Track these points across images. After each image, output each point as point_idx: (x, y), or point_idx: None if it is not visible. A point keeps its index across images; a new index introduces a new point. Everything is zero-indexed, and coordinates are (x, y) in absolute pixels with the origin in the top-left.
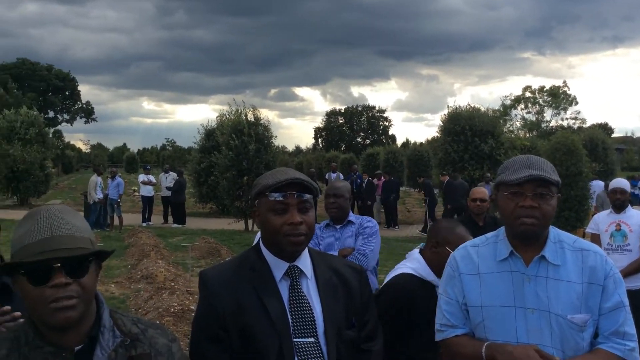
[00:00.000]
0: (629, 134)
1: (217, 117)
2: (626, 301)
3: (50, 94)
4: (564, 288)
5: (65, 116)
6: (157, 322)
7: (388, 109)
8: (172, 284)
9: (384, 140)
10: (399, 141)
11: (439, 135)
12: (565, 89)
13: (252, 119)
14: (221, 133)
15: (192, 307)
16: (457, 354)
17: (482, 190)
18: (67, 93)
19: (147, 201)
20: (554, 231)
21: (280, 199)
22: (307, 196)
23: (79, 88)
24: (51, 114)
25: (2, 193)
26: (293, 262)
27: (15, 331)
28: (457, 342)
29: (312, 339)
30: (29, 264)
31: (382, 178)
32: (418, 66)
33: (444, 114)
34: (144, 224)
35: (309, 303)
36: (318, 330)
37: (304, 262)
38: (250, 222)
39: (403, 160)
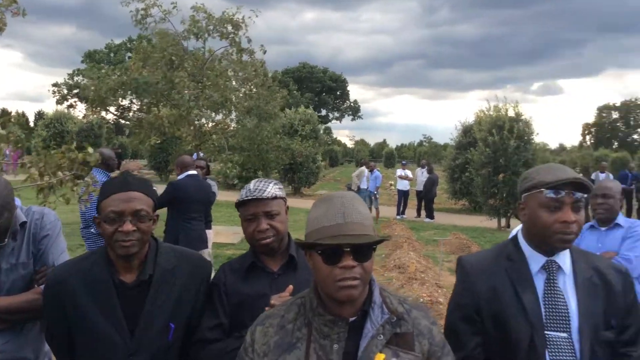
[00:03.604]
0: None
1: (475, 112)
2: None
3: (324, 94)
4: None
5: (335, 114)
6: (420, 303)
7: None
8: (423, 275)
9: None
10: None
11: None
12: None
13: (513, 115)
14: (479, 129)
15: (441, 300)
16: None
17: None
18: (338, 93)
19: (403, 195)
20: None
21: (556, 196)
22: (581, 195)
23: (348, 88)
24: (323, 112)
25: (280, 182)
26: (551, 257)
27: (302, 297)
28: None
29: (564, 334)
30: (324, 245)
31: None
32: None
33: None
34: (398, 217)
35: (564, 298)
36: (572, 326)
37: (563, 258)
38: (503, 220)
39: None
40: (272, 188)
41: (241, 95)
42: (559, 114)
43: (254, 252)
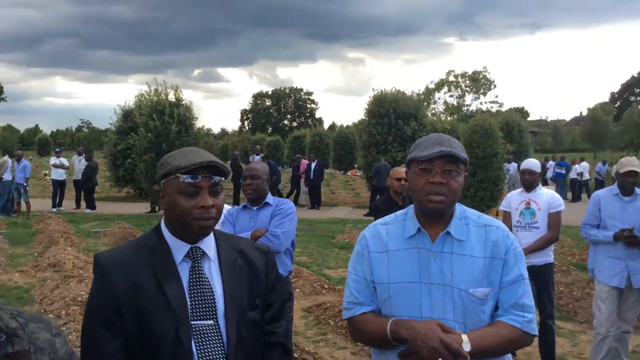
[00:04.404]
0: (543, 118)
1: (135, 96)
2: (525, 274)
3: None
4: (467, 263)
5: None
6: (40, 314)
7: (315, 91)
8: (82, 271)
9: (311, 123)
10: (327, 124)
11: (364, 118)
12: (486, 74)
13: (174, 100)
14: (139, 114)
15: None
16: (362, 331)
17: (404, 170)
18: None
19: (58, 185)
20: (460, 208)
21: (193, 181)
22: (219, 179)
23: None
24: None
25: None
26: (195, 243)
27: None
28: (363, 319)
29: (211, 322)
30: None
31: (304, 161)
32: (345, 49)
33: (370, 97)
34: (54, 210)
35: (210, 285)
36: (218, 312)
37: (208, 243)
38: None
39: (329, 143)
40: None
41: None
42: (220, 101)
43: None
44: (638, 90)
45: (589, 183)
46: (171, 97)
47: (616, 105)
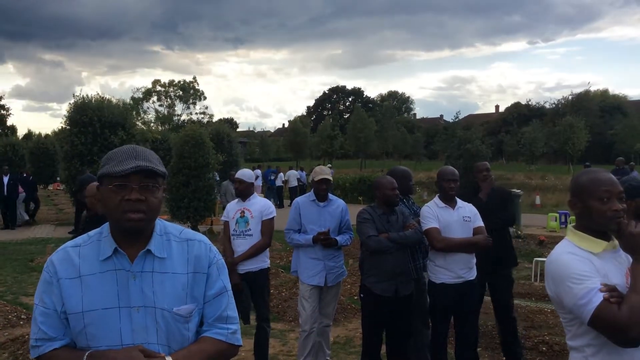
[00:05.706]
0: (251, 129)
1: None
2: (229, 286)
3: None
4: (170, 280)
5: None
6: None
7: (5, 95)
8: None
9: (2, 132)
10: (22, 132)
11: (65, 126)
12: (195, 84)
13: None
14: None
15: None
16: None
17: None
18: None
19: None
20: (160, 223)
21: None
22: None
23: None
24: None
25: None
26: None
27: None
28: (54, 356)
29: None
30: None
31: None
32: (39, 50)
33: (70, 104)
34: None
35: None
36: None
37: None
38: None
39: (25, 154)
40: None
41: None
42: None
43: None
44: (329, 105)
45: (296, 189)
46: None
47: (312, 119)
